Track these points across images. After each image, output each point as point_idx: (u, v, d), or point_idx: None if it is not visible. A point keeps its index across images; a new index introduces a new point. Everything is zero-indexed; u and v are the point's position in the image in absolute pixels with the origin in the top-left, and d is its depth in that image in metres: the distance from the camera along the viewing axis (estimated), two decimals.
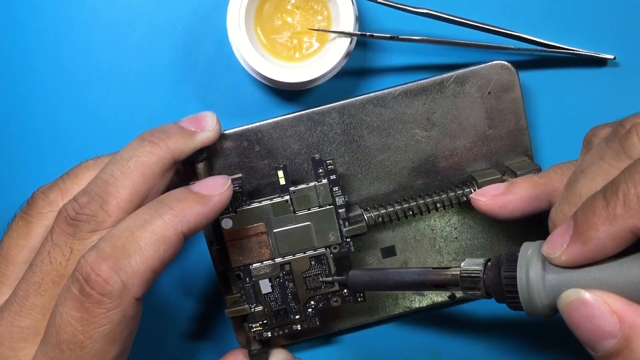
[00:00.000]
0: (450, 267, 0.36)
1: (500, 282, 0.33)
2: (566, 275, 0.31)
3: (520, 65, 0.43)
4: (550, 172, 0.38)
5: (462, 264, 0.36)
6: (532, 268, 0.32)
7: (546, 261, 0.32)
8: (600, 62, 0.44)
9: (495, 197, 0.38)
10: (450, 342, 0.46)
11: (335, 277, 0.40)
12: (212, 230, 0.40)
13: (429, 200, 0.41)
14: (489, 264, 0.35)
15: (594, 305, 0.29)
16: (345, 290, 0.41)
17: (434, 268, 0.37)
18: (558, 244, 0.31)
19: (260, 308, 0.40)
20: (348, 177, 0.42)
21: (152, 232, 0.32)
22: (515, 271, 0.32)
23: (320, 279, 0.40)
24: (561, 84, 0.44)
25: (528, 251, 0.33)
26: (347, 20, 0.40)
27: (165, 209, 0.33)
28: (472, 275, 0.35)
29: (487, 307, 0.46)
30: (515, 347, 0.47)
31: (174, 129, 0.37)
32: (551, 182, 0.38)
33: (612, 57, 0.43)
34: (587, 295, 0.29)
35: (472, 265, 0.35)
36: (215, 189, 0.35)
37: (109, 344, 0.31)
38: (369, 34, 0.41)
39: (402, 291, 0.44)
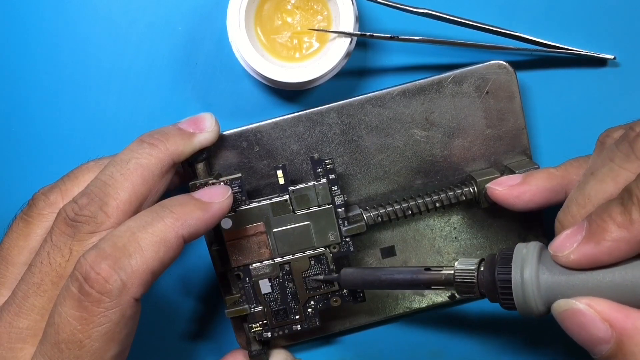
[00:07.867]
0: (443, 267, 0.36)
1: (495, 283, 0.33)
2: (561, 277, 0.31)
3: (520, 65, 0.43)
4: (567, 165, 0.38)
5: (456, 264, 0.36)
6: (526, 269, 0.32)
7: (541, 263, 0.32)
8: (600, 62, 0.44)
9: (512, 187, 0.38)
10: (450, 342, 0.46)
11: (327, 276, 0.40)
12: (212, 230, 0.40)
13: (428, 200, 0.41)
14: (483, 264, 0.35)
15: (586, 314, 0.30)
16: (345, 290, 0.41)
17: (425, 268, 0.37)
18: (568, 244, 0.31)
19: (260, 308, 0.40)
20: (347, 177, 0.42)
21: (153, 234, 0.32)
22: (510, 272, 0.32)
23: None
24: (561, 84, 0.44)
25: (522, 252, 0.33)
26: (347, 20, 0.40)
27: (167, 212, 0.33)
28: (465, 275, 0.35)
29: (488, 306, 0.46)
30: (516, 347, 0.46)
31: (172, 131, 0.37)
32: (568, 174, 0.38)
33: (612, 57, 0.43)
34: (578, 304, 0.30)
35: (466, 265, 0.35)
36: (216, 197, 0.35)
37: (107, 343, 0.31)
38: (369, 34, 0.41)
39: (398, 290, 0.44)
